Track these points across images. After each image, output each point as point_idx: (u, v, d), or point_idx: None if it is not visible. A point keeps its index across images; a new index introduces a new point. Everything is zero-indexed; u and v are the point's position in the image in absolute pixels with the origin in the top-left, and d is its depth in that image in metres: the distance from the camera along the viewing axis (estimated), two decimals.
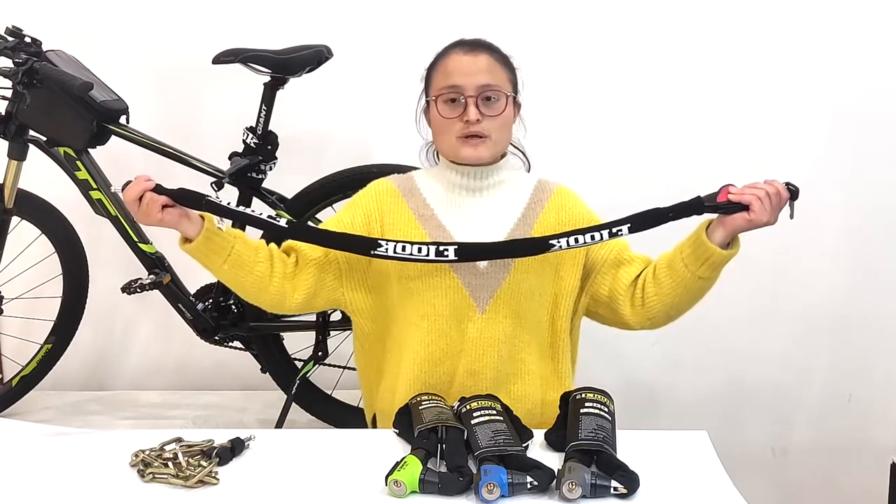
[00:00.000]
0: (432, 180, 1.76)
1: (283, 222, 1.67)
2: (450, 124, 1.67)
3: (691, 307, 1.72)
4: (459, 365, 1.68)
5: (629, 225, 1.60)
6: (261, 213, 1.66)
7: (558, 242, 1.61)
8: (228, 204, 1.65)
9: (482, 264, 1.67)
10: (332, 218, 1.81)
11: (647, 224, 1.61)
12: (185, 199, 1.60)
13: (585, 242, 1.61)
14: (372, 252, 1.62)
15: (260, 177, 2.31)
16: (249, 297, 1.73)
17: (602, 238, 1.61)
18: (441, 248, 1.60)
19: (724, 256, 1.60)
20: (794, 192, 1.59)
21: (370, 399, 1.85)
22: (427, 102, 1.75)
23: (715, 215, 1.61)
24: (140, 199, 1.58)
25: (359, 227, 1.72)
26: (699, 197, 1.60)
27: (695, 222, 1.65)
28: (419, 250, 1.60)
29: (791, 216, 1.59)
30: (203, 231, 1.61)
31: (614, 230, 1.60)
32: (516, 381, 1.69)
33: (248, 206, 2.34)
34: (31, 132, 2.29)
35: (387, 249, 1.61)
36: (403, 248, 1.60)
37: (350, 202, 1.80)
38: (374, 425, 1.85)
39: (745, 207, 1.56)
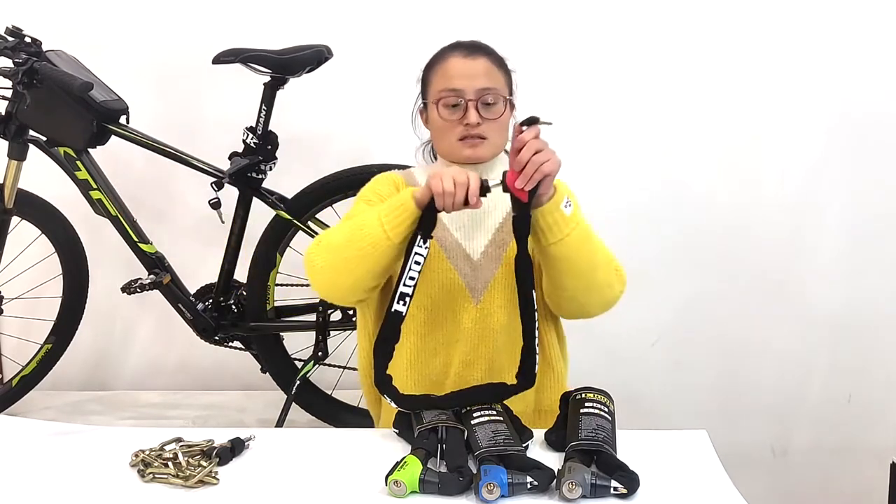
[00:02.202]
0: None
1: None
2: (450, 127, 1.68)
3: (588, 281, 1.63)
4: (455, 355, 1.69)
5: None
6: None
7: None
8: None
9: (475, 256, 1.69)
10: (353, 209, 1.74)
11: (524, 283, 1.57)
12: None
13: None
14: None
15: (260, 177, 2.32)
16: (357, 277, 1.61)
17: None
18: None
19: (549, 209, 1.54)
20: (532, 122, 1.50)
21: (372, 397, 1.85)
22: (424, 104, 1.75)
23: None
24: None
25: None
26: (513, 215, 1.54)
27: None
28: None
29: (548, 123, 1.51)
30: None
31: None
32: (512, 371, 1.69)
33: (248, 206, 2.35)
34: (31, 132, 2.29)
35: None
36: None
37: (366, 192, 1.75)
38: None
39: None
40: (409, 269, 1.53)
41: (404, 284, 1.53)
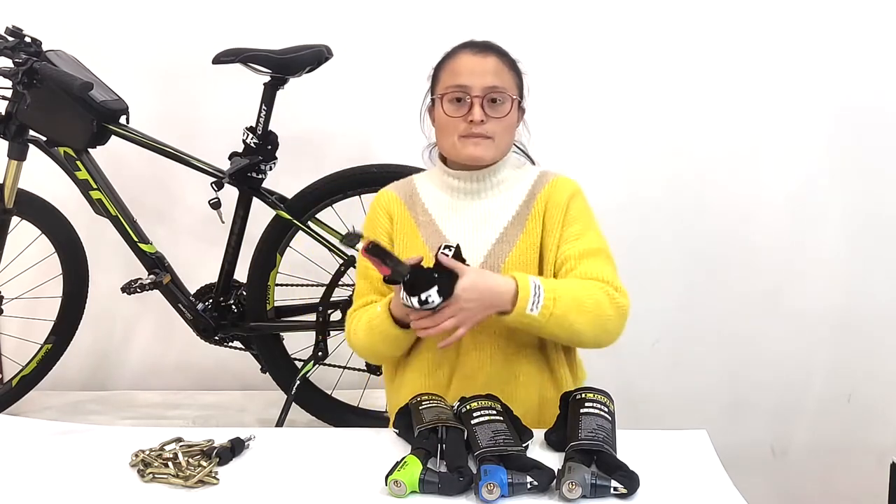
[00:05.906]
0: (431, 184, 1.76)
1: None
2: (454, 123, 1.67)
3: (578, 339, 1.66)
4: (457, 367, 1.68)
5: None
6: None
7: None
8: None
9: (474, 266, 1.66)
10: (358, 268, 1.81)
11: None
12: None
13: None
14: None
15: (260, 177, 2.32)
16: (390, 356, 1.75)
17: None
18: None
19: (513, 318, 1.55)
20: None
21: (389, 378, 1.85)
22: (432, 101, 1.74)
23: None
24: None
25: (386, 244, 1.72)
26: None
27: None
28: None
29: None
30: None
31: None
32: (509, 384, 1.68)
33: (248, 206, 2.35)
34: (31, 132, 2.29)
35: None
36: None
37: (367, 225, 1.79)
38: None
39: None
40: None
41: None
